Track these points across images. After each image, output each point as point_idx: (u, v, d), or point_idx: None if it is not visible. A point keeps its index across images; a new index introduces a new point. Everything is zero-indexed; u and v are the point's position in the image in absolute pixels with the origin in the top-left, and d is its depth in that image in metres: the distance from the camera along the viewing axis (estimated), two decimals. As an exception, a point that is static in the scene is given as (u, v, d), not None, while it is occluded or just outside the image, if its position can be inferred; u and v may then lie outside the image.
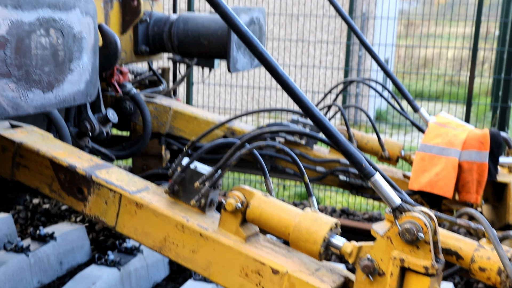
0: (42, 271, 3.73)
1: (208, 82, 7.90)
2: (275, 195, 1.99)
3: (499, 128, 5.93)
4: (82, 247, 4.13)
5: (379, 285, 1.71)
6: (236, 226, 1.97)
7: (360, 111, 12.23)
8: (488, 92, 9.65)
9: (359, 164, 1.68)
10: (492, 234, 1.55)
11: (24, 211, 4.98)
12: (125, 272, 3.60)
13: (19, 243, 3.62)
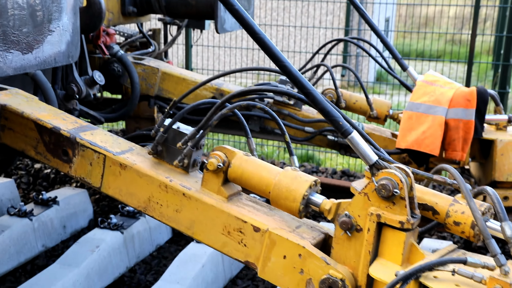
0: (46, 235, 3.77)
1: (208, 44, 7.83)
2: (256, 155, 2.01)
3: (501, 87, 5.91)
4: (85, 211, 4.17)
5: (357, 240, 1.75)
6: (218, 185, 1.99)
7: (360, 72, 12.19)
8: (490, 50, 9.58)
9: (336, 122, 1.70)
10: (465, 188, 1.58)
11: (26, 176, 5.01)
12: (128, 235, 3.65)
13: (22, 207, 3.64)
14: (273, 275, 1.87)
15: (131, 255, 3.68)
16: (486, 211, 1.67)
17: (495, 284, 1.45)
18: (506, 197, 3.51)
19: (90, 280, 3.30)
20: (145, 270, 3.72)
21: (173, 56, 9.37)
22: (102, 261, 3.41)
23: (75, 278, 3.19)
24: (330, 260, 1.78)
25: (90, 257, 3.34)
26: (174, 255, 3.77)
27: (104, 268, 3.42)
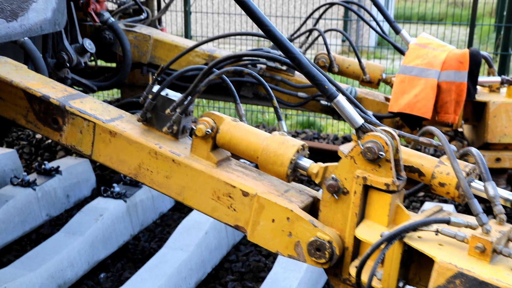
0: (49, 204, 3.80)
1: (207, 11, 7.74)
2: (245, 121, 2.02)
3: (503, 49, 5.87)
4: (88, 180, 4.20)
5: (343, 203, 1.77)
6: (207, 151, 2.00)
7: (361, 37, 12.08)
8: (493, 12, 9.47)
9: (321, 85, 1.70)
10: (449, 149, 1.59)
11: (28, 147, 5.02)
12: (131, 203, 3.68)
13: (26, 177, 3.66)
14: (262, 238, 1.90)
15: (135, 223, 3.72)
16: (471, 171, 1.68)
17: (476, 242, 1.47)
18: (499, 158, 3.53)
19: (95, 248, 3.34)
20: (149, 237, 3.76)
21: (172, 24, 9.28)
22: (106, 229, 3.45)
23: (80, 246, 3.23)
24: (317, 223, 1.80)
25: (94, 225, 3.38)
26: (177, 222, 3.81)
27: (108, 236, 3.46)
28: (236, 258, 3.50)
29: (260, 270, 3.36)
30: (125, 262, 3.50)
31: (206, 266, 3.32)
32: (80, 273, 3.23)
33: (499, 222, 1.53)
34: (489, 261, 1.46)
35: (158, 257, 3.18)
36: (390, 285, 1.63)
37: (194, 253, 3.22)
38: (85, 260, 3.26)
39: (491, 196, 1.56)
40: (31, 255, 3.09)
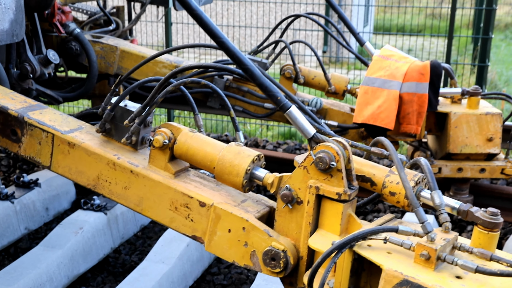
0: (28, 217, 3.75)
1: (188, 22, 7.74)
2: (204, 132, 2.04)
3: (480, 60, 6.00)
4: (67, 192, 4.15)
5: (298, 212, 1.79)
6: (165, 162, 2.01)
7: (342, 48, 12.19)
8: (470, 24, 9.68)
9: (274, 97, 1.72)
10: (396, 159, 1.63)
11: (6, 159, 4.95)
12: (111, 216, 3.65)
13: (3, 190, 3.61)
14: (219, 248, 1.91)
15: (115, 236, 3.69)
16: (420, 181, 1.72)
17: (422, 250, 1.51)
18: (461, 168, 3.60)
19: (75, 262, 3.30)
20: (130, 250, 3.74)
21: (153, 34, 9.29)
22: (86, 243, 3.42)
23: (59, 260, 3.19)
24: (272, 233, 1.82)
25: (74, 238, 3.34)
26: (159, 235, 3.79)
27: (89, 250, 3.43)
28: (218, 271, 3.49)
29: (242, 282, 3.36)
30: (106, 275, 3.47)
31: (188, 279, 3.31)
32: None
33: (445, 230, 1.57)
34: (433, 268, 1.49)
35: (139, 270, 3.16)
36: (341, 293, 1.65)
37: (175, 266, 3.20)
38: (64, 274, 3.22)
39: (437, 205, 1.60)
40: (9, 270, 3.04)
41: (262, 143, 5.66)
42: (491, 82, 9.05)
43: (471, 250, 1.53)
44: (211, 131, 6.69)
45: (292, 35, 11.29)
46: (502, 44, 13.31)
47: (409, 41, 9.02)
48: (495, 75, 9.64)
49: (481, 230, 1.56)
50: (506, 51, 12.59)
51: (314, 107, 3.62)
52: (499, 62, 11.30)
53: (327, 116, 3.71)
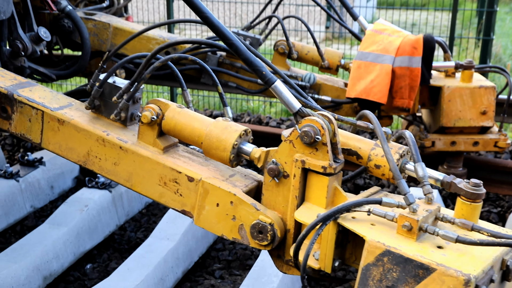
0: (33, 196, 3.76)
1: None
2: (192, 107, 2.04)
3: (485, 34, 5.94)
4: (72, 171, 4.16)
5: (284, 186, 1.81)
6: (153, 138, 2.02)
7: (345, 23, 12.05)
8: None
9: (259, 71, 1.73)
10: (379, 131, 1.64)
11: (10, 138, 4.95)
12: (116, 193, 3.67)
13: (8, 169, 3.62)
14: (208, 222, 1.93)
15: (120, 213, 3.71)
16: (405, 153, 1.74)
17: (404, 221, 1.53)
18: (454, 142, 3.62)
19: (81, 239, 3.33)
20: (135, 227, 3.76)
21: (154, 12, 9.22)
22: (92, 220, 3.44)
23: (65, 237, 3.22)
24: (260, 206, 1.84)
25: (79, 216, 3.36)
26: (163, 212, 3.82)
27: (94, 227, 3.46)
28: (223, 247, 3.52)
29: (247, 258, 3.39)
30: (112, 252, 3.50)
31: (193, 255, 3.33)
32: (66, 265, 3.22)
33: (428, 202, 1.59)
34: (415, 239, 1.52)
35: (145, 247, 3.18)
36: (327, 264, 1.68)
37: (180, 242, 3.22)
38: (70, 251, 3.25)
39: (420, 177, 1.61)
40: (15, 247, 3.06)
41: (266, 119, 5.66)
42: (495, 56, 8.96)
43: (453, 221, 1.55)
44: (214, 108, 6.69)
45: (295, 11, 11.18)
46: (507, 17, 13.13)
47: (413, 15, 8.92)
48: (499, 48, 9.52)
49: (464, 201, 1.58)
50: (511, 24, 12.43)
51: (308, 82, 3.62)
52: (504, 35, 11.15)
53: (321, 91, 3.71)
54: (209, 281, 3.20)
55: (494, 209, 3.95)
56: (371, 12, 12.15)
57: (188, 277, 3.29)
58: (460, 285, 1.37)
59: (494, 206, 4.02)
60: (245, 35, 3.64)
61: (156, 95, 7.12)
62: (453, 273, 1.38)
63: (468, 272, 1.38)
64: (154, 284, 2.98)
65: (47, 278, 3.07)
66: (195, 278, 3.28)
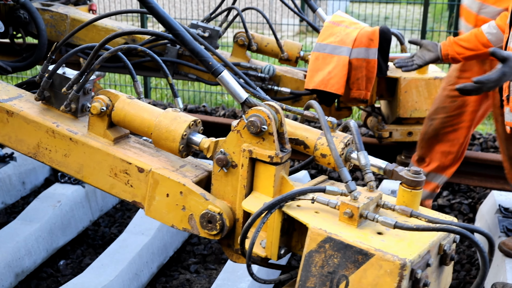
0: (4, 192, 3.70)
1: None
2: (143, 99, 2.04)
3: (456, 27, 6.03)
4: (44, 166, 4.08)
5: (233, 176, 1.83)
6: (103, 129, 2.02)
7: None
8: None
9: (206, 61, 1.74)
10: (323, 121, 1.67)
11: None
12: (90, 188, 3.62)
13: None
14: (158, 213, 1.94)
15: (94, 209, 3.67)
16: (350, 142, 1.77)
17: (345, 208, 1.56)
18: (411, 132, 3.69)
19: (53, 235, 3.29)
20: (109, 222, 3.72)
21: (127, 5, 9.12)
22: (65, 216, 3.40)
23: (37, 233, 3.18)
24: (209, 196, 1.86)
25: (52, 212, 3.33)
26: (138, 207, 3.78)
27: (67, 223, 3.42)
28: (198, 241, 3.52)
29: (222, 252, 3.39)
30: (85, 248, 3.47)
31: (168, 250, 3.32)
32: (39, 261, 3.19)
33: (370, 189, 1.63)
34: (356, 226, 1.55)
35: (119, 242, 3.16)
36: (273, 252, 1.71)
37: (155, 237, 3.20)
38: (43, 247, 3.21)
39: (362, 165, 1.65)
40: None
41: (240, 113, 5.67)
42: None
43: (394, 208, 1.60)
44: (188, 102, 6.66)
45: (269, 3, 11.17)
46: None
47: (385, 8, 9.00)
48: None
49: (405, 188, 1.62)
50: None
51: (267, 74, 3.64)
52: None
53: (281, 83, 3.74)
54: (185, 275, 3.21)
55: (465, 201, 4.05)
56: (344, 6, 12.22)
57: (163, 272, 3.28)
58: (396, 269, 1.41)
59: (465, 197, 4.12)
60: (204, 27, 3.63)
61: (130, 89, 7.07)
62: (390, 258, 1.42)
63: (404, 257, 1.42)
64: (129, 279, 2.97)
65: (19, 275, 3.04)
66: (170, 273, 3.28)
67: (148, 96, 6.78)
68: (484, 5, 3.09)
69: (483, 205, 3.71)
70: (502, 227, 3.25)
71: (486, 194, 3.97)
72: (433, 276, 1.57)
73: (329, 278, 1.51)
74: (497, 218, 3.36)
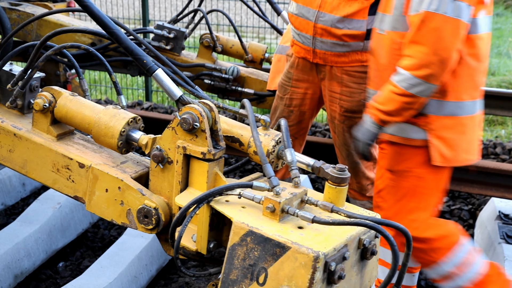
0: (4, 193, 3.70)
1: None
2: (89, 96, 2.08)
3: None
4: None
5: (169, 172, 1.87)
6: (47, 125, 2.05)
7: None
8: None
9: (140, 60, 1.78)
10: (251, 118, 1.71)
11: None
12: None
13: None
14: (98, 208, 1.98)
15: None
16: (281, 140, 1.82)
17: (268, 203, 1.60)
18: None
19: (53, 237, 3.29)
20: (109, 225, 3.71)
21: (130, 8, 9.15)
22: (64, 218, 3.41)
23: (37, 235, 3.18)
24: (146, 191, 1.90)
25: (51, 214, 3.33)
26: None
27: (67, 225, 3.42)
28: None
29: (222, 255, 3.39)
30: (85, 250, 3.47)
31: None
32: (38, 263, 3.19)
33: (295, 185, 1.67)
34: (278, 220, 1.59)
35: (118, 245, 3.16)
36: (202, 246, 1.75)
37: (155, 240, 3.19)
38: (42, 249, 3.22)
39: (288, 162, 1.70)
40: None
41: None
42: None
43: (316, 203, 1.64)
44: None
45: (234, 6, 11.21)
46: None
47: None
48: None
49: (330, 185, 1.67)
50: None
51: (231, 75, 3.69)
52: None
53: (245, 84, 3.78)
54: (184, 278, 3.21)
55: (465, 207, 4.07)
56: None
57: (162, 275, 3.28)
58: (310, 262, 1.45)
59: (465, 203, 4.14)
60: (170, 28, 3.68)
61: (131, 92, 7.10)
62: (305, 251, 1.47)
63: (318, 250, 1.46)
64: (128, 282, 2.98)
65: (18, 277, 3.04)
66: (169, 276, 3.28)
67: (150, 99, 6.80)
68: (322, 13, 2.90)
69: (483, 211, 3.72)
70: (502, 234, 3.25)
71: (486, 200, 3.96)
72: (353, 270, 1.62)
73: (250, 270, 1.55)
74: (497, 224, 3.36)
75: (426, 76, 2.34)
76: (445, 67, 2.33)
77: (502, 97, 4.74)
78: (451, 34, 2.30)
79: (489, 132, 5.88)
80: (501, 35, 11.41)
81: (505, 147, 4.92)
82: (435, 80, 2.35)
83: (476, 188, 3.94)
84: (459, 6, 2.29)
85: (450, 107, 2.47)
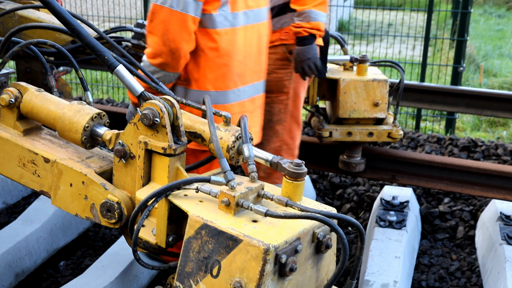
0: (6, 192, 3.69)
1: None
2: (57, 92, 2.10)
3: (459, 35, 6.07)
4: None
5: (132, 167, 1.89)
6: (13, 120, 2.07)
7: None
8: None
9: (101, 56, 1.80)
10: (209, 114, 1.74)
11: None
12: None
13: None
14: (63, 202, 2.00)
15: None
16: (239, 136, 1.84)
17: (223, 197, 1.63)
18: (350, 132, 3.77)
19: (54, 236, 3.29)
20: None
21: (131, 7, 9.15)
22: (66, 217, 3.40)
23: (38, 234, 3.18)
24: (109, 186, 1.92)
25: (53, 213, 3.32)
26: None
27: (68, 224, 3.41)
28: None
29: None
30: (86, 249, 3.46)
31: None
32: (39, 262, 3.19)
33: (252, 180, 1.70)
34: (233, 214, 1.62)
35: (119, 244, 3.15)
36: (161, 239, 1.77)
37: None
38: (44, 248, 3.22)
39: (246, 157, 1.72)
40: None
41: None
42: (469, 57, 9.14)
43: (272, 197, 1.67)
44: None
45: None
46: (481, 19, 13.38)
47: (389, 15, 9.08)
48: (473, 49, 9.70)
49: (288, 180, 1.69)
50: (484, 26, 12.62)
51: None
52: (477, 36, 11.35)
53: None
54: None
55: (467, 208, 4.06)
56: (348, 12, 12.27)
57: (163, 275, 3.27)
58: (260, 254, 1.48)
59: (466, 204, 4.13)
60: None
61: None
62: (256, 243, 1.49)
63: (268, 242, 1.49)
64: (129, 281, 2.98)
65: (19, 275, 3.04)
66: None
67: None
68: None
69: (484, 212, 3.73)
70: (503, 235, 3.24)
71: (488, 201, 3.95)
72: (308, 263, 1.64)
73: (204, 263, 1.58)
74: (498, 225, 3.35)
75: (160, 64, 2.55)
76: (176, 57, 2.51)
77: (503, 99, 4.71)
78: (178, 27, 2.47)
79: (491, 134, 5.86)
80: (503, 36, 11.44)
81: (507, 148, 4.88)
82: (170, 68, 2.55)
83: (478, 190, 3.87)
84: (184, 1, 2.44)
85: (195, 95, 2.65)
